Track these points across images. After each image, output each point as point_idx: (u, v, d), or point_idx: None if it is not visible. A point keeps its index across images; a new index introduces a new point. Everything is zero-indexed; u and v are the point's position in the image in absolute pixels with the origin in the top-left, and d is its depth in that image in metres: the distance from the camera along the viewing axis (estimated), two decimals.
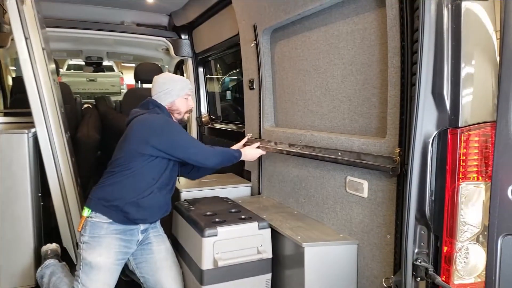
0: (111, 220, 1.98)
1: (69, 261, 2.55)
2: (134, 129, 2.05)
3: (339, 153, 1.91)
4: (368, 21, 1.78)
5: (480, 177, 1.30)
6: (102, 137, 3.85)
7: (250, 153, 2.46)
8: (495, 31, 1.34)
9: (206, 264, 1.93)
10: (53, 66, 2.80)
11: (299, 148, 2.24)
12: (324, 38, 2.10)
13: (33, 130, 2.50)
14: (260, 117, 2.74)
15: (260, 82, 2.69)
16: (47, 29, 2.87)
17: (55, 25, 3.49)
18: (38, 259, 2.51)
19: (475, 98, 1.30)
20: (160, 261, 2.12)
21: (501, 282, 1.08)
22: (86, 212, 2.00)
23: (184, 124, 2.35)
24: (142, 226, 2.08)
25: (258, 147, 2.52)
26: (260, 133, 2.74)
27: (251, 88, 2.82)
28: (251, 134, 2.83)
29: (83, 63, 5.84)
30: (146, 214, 2.03)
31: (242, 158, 2.37)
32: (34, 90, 2.45)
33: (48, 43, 2.77)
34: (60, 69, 8.88)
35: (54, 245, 2.55)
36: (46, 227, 2.76)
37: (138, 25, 4.08)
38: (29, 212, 2.45)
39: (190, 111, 2.32)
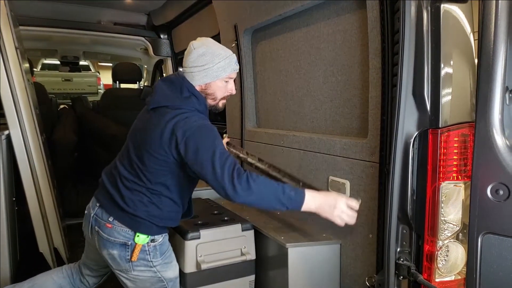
0: (171, 226, 1.83)
1: (47, 268, 2.47)
2: (167, 128, 1.56)
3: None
4: (349, 23, 1.79)
5: (459, 177, 1.33)
6: (80, 139, 3.76)
7: (326, 198, 1.57)
8: (472, 32, 1.37)
9: (189, 268, 1.91)
10: (27, 65, 2.71)
11: (266, 165, 2.14)
12: (305, 39, 2.10)
13: (6, 132, 2.41)
14: (242, 118, 2.73)
15: (242, 82, 2.67)
16: (21, 27, 2.77)
17: (29, 24, 3.38)
18: (14, 267, 2.43)
19: (454, 99, 1.32)
20: None
21: (482, 279, 1.11)
22: (143, 239, 1.68)
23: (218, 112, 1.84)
24: None
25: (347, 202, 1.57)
26: (242, 134, 2.73)
27: None
28: (227, 136, 2.64)
29: (58, 62, 5.70)
30: None
31: (306, 209, 1.56)
32: (7, 91, 2.36)
33: (22, 42, 2.68)
34: (34, 69, 8.64)
35: None
36: (22, 232, 2.67)
37: (115, 24, 4.01)
38: (3, 217, 2.36)
39: (227, 97, 1.80)
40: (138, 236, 1.68)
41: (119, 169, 1.73)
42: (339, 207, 1.54)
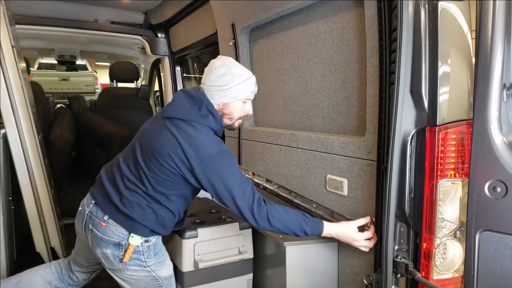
0: (163, 234, 1.82)
1: None
2: (181, 146, 1.58)
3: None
4: (346, 21, 1.79)
5: (457, 174, 1.33)
6: (77, 138, 3.75)
7: (344, 235, 1.65)
8: (470, 30, 1.37)
9: (187, 266, 1.91)
10: (23, 64, 2.70)
11: (276, 186, 2.23)
12: (303, 37, 2.10)
13: (2, 131, 2.40)
14: None
15: None
16: (17, 26, 2.76)
17: (25, 22, 3.36)
18: (11, 266, 2.41)
19: (451, 97, 1.32)
20: None
21: (479, 276, 1.11)
22: (137, 239, 1.69)
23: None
24: None
25: (363, 229, 1.65)
26: (240, 133, 2.73)
27: None
28: None
29: (55, 62, 5.67)
30: None
31: (325, 235, 1.65)
32: (4, 90, 2.35)
33: (18, 41, 2.67)
34: (31, 68, 8.60)
35: None
36: (18, 232, 2.66)
37: (113, 23, 3.99)
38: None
39: (244, 117, 1.86)
40: (132, 236, 1.68)
41: (122, 168, 1.72)
42: (357, 239, 1.63)
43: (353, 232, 1.63)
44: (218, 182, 1.58)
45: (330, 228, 1.65)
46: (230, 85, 1.68)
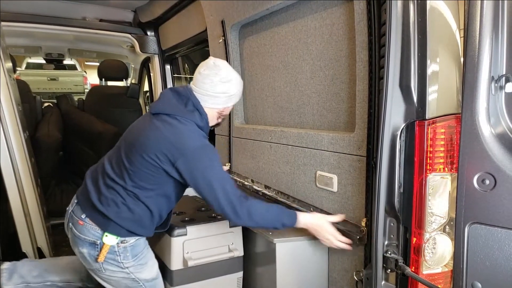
0: (142, 235, 1.78)
1: None
2: (165, 137, 1.59)
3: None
4: (336, 16, 1.79)
5: (446, 168, 1.33)
6: (65, 137, 3.69)
7: (316, 224, 1.69)
8: (458, 29, 1.37)
9: (176, 265, 1.88)
10: (9, 61, 2.65)
11: (274, 192, 2.24)
12: (292, 34, 2.09)
13: None
14: (229, 114, 2.70)
15: None
16: (2, 23, 2.71)
17: (11, 20, 3.30)
18: None
19: (440, 91, 1.32)
20: None
21: (468, 268, 1.11)
22: (111, 239, 1.65)
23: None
24: None
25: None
26: (230, 130, 2.71)
27: None
28: (228, 164, 2.69)
29: (43, 61, 5.58)
30: None
31: (300, 225, 1.70)
32: None
33: (4, 38, 2.62)
34: (19, 68, 8.47)
35: None
36: (4, 232, 2.61)
37: (101, 20, 3.94)
38: None
39: (224, 118, 1.92)
40: (106, 236, 1.66)
41: (105, 166, 1.71)
42: (330, 230, 1.67)
43: (327, 222, 1.68)
44: (199, 175, 1.59)
45: (305, 217, 1.69)
46: (224, 94, 1.74)
